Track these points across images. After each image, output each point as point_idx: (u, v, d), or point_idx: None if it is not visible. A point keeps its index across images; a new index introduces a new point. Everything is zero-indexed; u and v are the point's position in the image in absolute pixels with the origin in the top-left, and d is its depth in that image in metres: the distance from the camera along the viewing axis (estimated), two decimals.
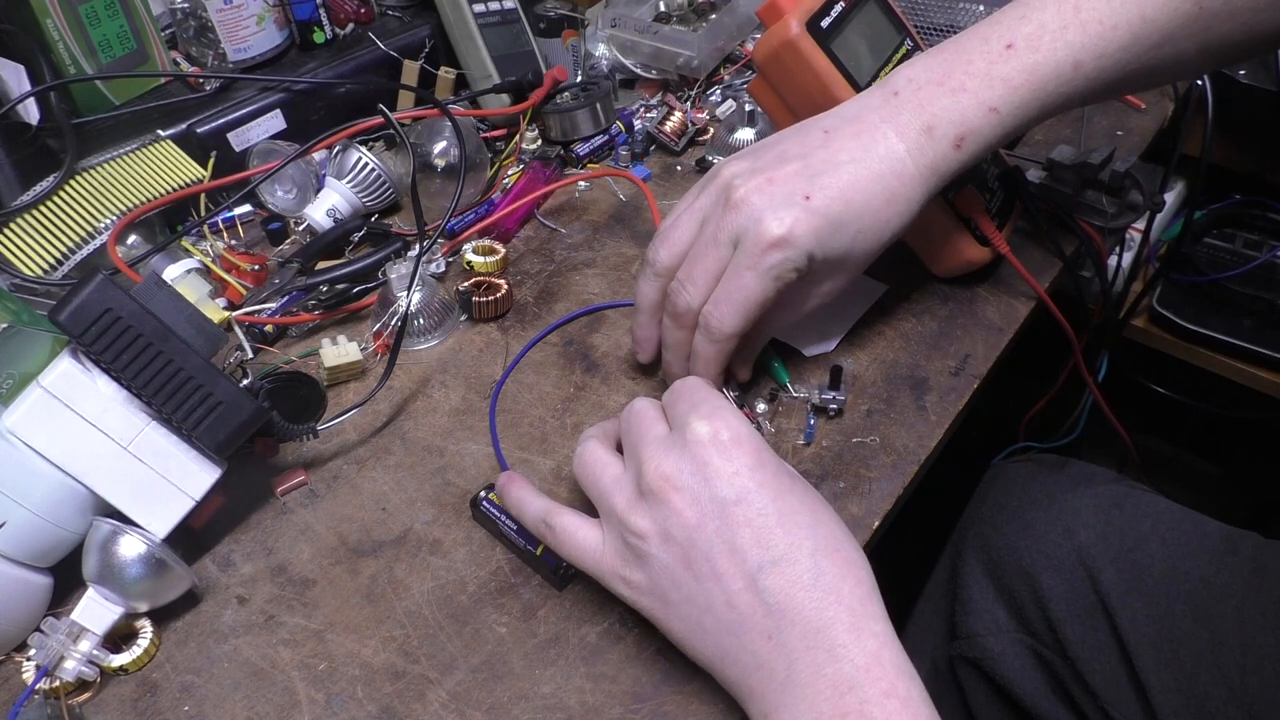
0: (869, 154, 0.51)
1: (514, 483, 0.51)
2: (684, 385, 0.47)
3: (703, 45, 0.85)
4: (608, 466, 0.46)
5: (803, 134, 0.53)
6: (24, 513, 0.48)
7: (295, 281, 0.68)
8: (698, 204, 0.53)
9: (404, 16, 0.88)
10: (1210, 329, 1.15)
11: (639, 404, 0.48)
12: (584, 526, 0.47)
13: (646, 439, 0.45)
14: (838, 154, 0.51)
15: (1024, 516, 0.70)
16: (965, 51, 0.52)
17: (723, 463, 0.42)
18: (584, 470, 0.47)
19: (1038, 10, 0.51)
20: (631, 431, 0.46)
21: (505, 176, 0.80)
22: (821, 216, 0.50)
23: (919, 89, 0.52)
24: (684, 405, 0.45)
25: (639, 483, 0.44)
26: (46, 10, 0.71)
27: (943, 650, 0.71)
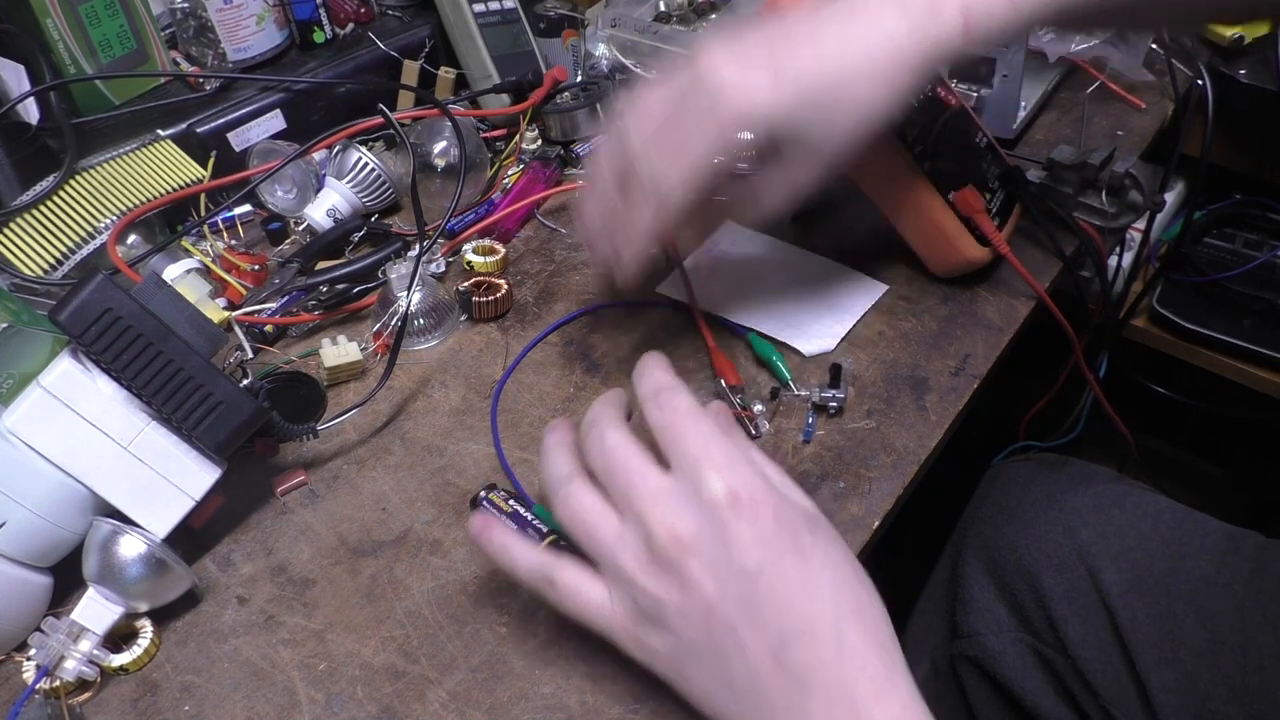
0: (860, 26, 0.47)
1: (492, 526, 0.45)
2: (678, 414, 0.42)
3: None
4: (603, 520, 0.42)
5: (796, 17, 0.49)
6: (24, 513, 0.48)
7: (295, 281, 0.68)
8: (673, 80, 0.49)
9: (404, 16, 0.88)
10: (1210, 329, 1.14)
11: (612, 438, 0.42)
12: (587, 582, 0.42)
13: (645, 491, 0.40)
14: (823, 24, 0.47)
15: (1025, 515, 0.70)
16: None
17: (744, 528, 0.38)
18: (574, 523, 0.42)
19: None
20: (618, 478, 0.41)
21: (505, 177, 0.80)
22: (791, 84, 0.46)
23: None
24: (691, 447, 0.40)
25: (649, 544, 0.39)
26: (46, 10, 0.71)
27: (943, 649, 0.71)
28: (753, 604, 0.38)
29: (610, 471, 0.42)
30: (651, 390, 0.43)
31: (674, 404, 0.42)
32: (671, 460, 0.41)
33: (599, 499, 0.42)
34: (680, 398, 0.42)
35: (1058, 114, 0.86)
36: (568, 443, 0.45)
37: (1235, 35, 0.99)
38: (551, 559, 0.43)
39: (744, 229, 0.74)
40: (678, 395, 0.42)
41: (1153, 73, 0.87)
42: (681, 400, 0.42)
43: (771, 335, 0.64)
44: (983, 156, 0.69)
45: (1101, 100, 0.87)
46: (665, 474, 0.41)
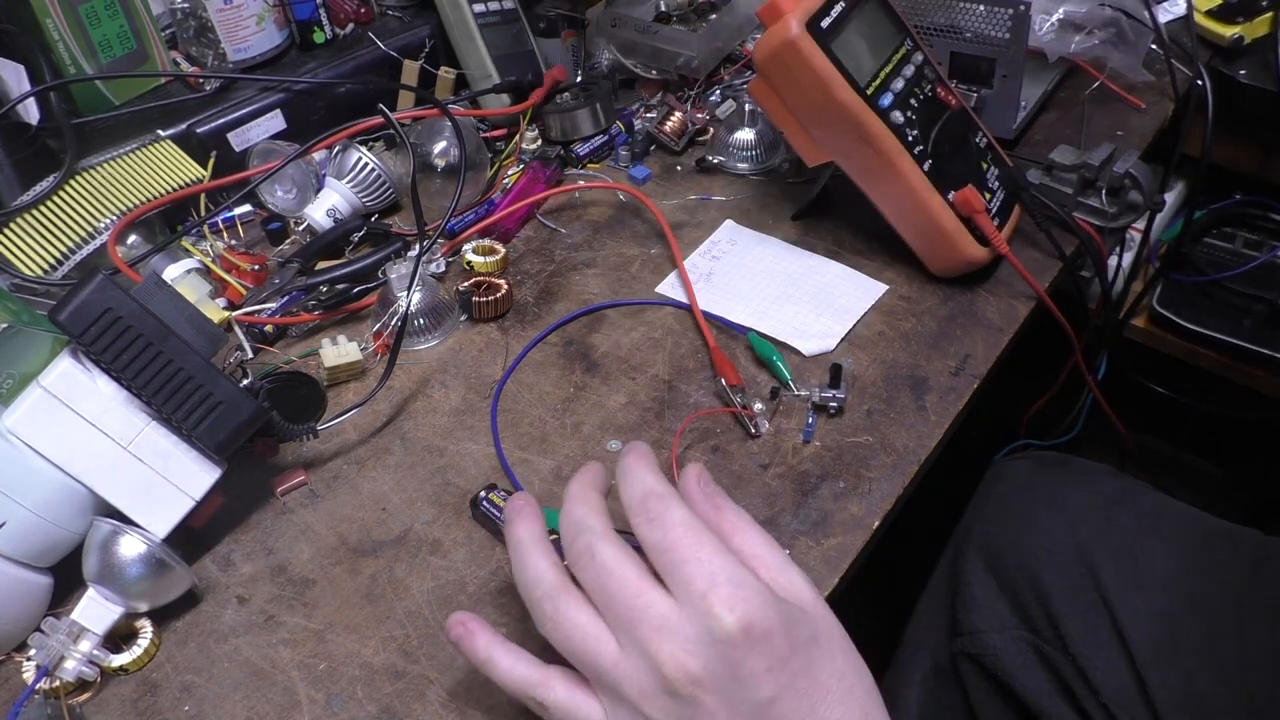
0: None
1: (475, 636, 0.42)
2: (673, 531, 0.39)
3: (703, 45, 0.85)
4: (601, 644, 0.39)
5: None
6: (24, 513, 0.48)
7: (295, 281, 0.68)
8: None
9: (404, 16, 0.88)
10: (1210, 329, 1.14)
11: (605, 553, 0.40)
12: (581, 701, 0.40)
13: (650, 622, 0.38)
14: None
15: (1026, 513, 0.70)
16: None
17: (758, 660, 0.37)
18: (566, 644, 0.40)
19: None
20: (618, 603, 0.39)
21: (505, 177, 0.80)
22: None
23: None
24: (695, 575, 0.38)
25: (657, 676, 0.38)
26: (46, 10, 0.71)
27: (944, 647, 0.71)
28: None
29: (608, 594, 0.39)
30: (639, 498, 0.41)
31: (667, 519, 0.40)
32: (673, 587, 0.39)
33: (593, 617, 0.40)
34: (673, 510, 0.40)
35: (1058, 114, 0.86)
36: (542, 537, 0.43)
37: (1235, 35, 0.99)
38: (540, 679, 0.41)
39: (744, 229, 0.74)
40: (669, 507, 0.40)
41: (1153, 73, 0.87)
42: (675, 513, 0.40)
43: (771, 335, 0.64)
44: (983, 156, 0.69)
45: (1101, 100, 0.87)
46: (668, 599, 0.39)
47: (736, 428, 0.59)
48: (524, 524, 0.43)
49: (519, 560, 0.42)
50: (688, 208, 0.78)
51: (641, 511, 0.41)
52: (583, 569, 0.40)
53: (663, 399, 0.62)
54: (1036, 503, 0.70)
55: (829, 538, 0.53)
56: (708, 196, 0.79)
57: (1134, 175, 0.69)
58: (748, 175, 0.81)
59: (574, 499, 0.43)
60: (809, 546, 0.52)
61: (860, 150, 0.63)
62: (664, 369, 0.64)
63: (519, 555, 0.42)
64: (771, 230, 0.74)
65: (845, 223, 0.74)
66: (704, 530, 0.40)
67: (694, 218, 0.77)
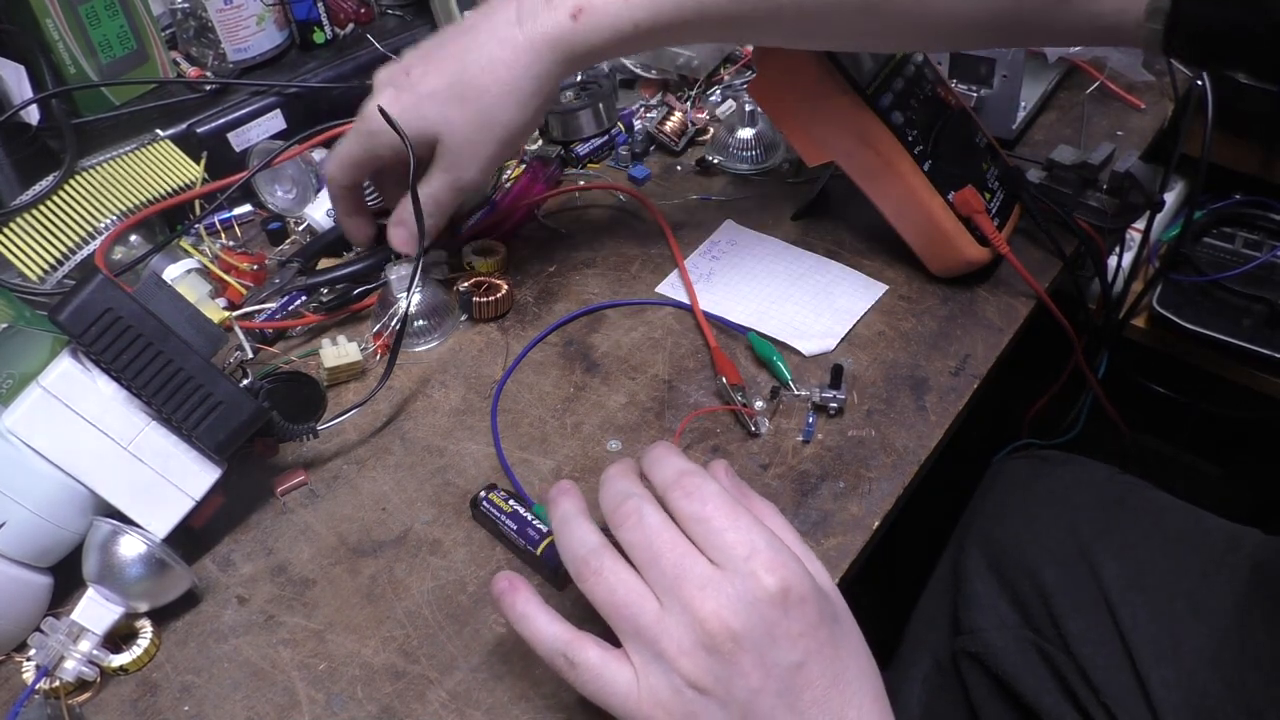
0: (479, 30, 0.55)
1: (517, 591, 0.44)
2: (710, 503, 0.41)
3: (703, 45, 0.85)
4: (644, 601, 0.40)
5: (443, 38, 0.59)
6: (24, 513, 0.48)
7: (295, 281, 0.68)
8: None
9: (404, 16, 0.88)
10: (1210, 329, 1.14)
11: (653, 519, 0.41)
12: (613, 663, 0.41)
13: (695, 580, 0.39)
14: (449, 35, 0.56)
15: (1027, 512, 0.70)
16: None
17: (790, 623, 0.39)
18: (609, 600, 0.41)
19: None
20: (664, 562, 0.40)
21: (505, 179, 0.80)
22: (417, 92, 0.55)
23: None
24: (736, 541, 0.40)
25: (698, 633, 0.39)
26: (46, 10, 0.71)
27: (945, 645, 0.71)
28: (792, 696, 0.39)
29: (653, 552, 0.40)
30: (674, 475, 0.42)
31: (704, 492, 0.41)
32: (713, 554, 0.40)
33: (636, 577, 0.41)
34: (709, 484, 0.42)
35: (1058, 114, 0.86)
36: (586, 511, 0.44)
37: None
38: (573, 638, 0.42)
39: (744, 229, 0.74)
40: (705, 482, 0.42)
41: (1153, 73, 0.88)
42: (710, 487, 0.41)
43: (771, 335, 0.64)
44: (983, 156, 0.69)
45: (1101, 100, 0.87)
46: (708, 563, 0.40)
47: (736, 427, 0.59)
48: (569, 500, 0.45)
49: (564, 528, 0.43)
50: (688, 208, 0.78)
51: (678, 487, 0.42)
52: (630, 529, 0.41)
53: (663, 399, 0.62)
54: (1038, 502, 0.70)
55: (829, 538, 0.53)
56: (708, 196, 0.79)
57: (1134, 175, 0.69)
58: (748, 175, 0.81)
59: (614, 475, 0.44)
60: (809, 546, 0.52)
61: (860, 150, 0.63)
62: (664, 369, 0.64)
63: (565, 524, 0.44)
64: (771, 230, 0.74)
65: (845, 223, 0.74)
66: (740, 504, 0.42)
67: (694, 218, 0.77)
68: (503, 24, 0.54)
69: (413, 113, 0.57)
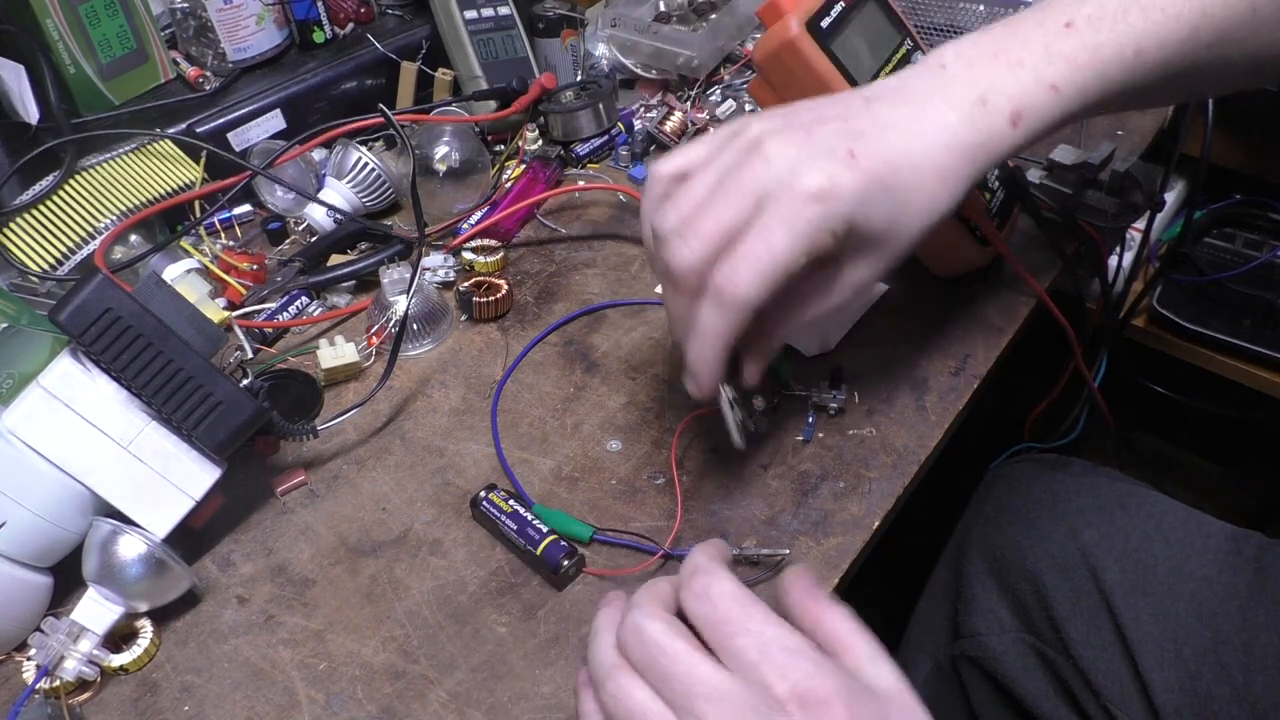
0: (919, 123, 0.46)
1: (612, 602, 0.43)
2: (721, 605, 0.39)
3: (703, 45, 0.85)
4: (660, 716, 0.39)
5: (841, 99, 0.47)
6: (24, 513, 0.48)
7: (295, 281, 0.68)
8: (719, 159, 0.46)
9: (404, 15, 0.88)
10: (1210, 329, 1.15)
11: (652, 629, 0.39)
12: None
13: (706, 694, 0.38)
14: (882, 118, 0.45)
15: (1028, 516, 0.70)
16: (1019, 30, 0.48)
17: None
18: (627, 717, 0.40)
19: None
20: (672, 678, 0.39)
21: (506, 178, 0.80)
22: (866, 176, 0.44)
23: (970, 63, 0.47)
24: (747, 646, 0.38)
25: None
26: (46, 10, 0.71)
27: (945, 649, 0.71)
28: None
29: (659, 670, 0.39)
30: (686, 576, 0.41)
31: (714, 592, 0.40)
32: (726, 660, 0.39)
33: (650, 694, 0.39)
34: (719, 583, 0.40)
35: None
36: (615, 623, 0.43)
37: None
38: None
39: None
40: (716, 579, 0.40)
41: None
42: (721, 585, 0.40)
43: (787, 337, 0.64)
44: None
45: None
46: (721, 671, 0.38)
47: None
48: (604, 614, 0.44)
49: (591, 645, 0.43)
50: None
51: (689, 588, 0.41)
52: (630, 648, 0.41)
53: (663, 399, 0.62)
54: (1038, 505, 0.70)
55: (829, 538, 0.53)
56: None
57: (1134, 175, 0.69)
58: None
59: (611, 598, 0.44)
60: (809, 546, 0.52)
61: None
62: (664, 369, 0.64)
63: (592, 640, 0.43)
64: None
65: None
66: (754, 601, 0.40)
67: None
68: (945, 128, 0.46)
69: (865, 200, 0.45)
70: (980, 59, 0.47)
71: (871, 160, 0.44)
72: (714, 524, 0.54)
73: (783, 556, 0.51)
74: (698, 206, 0.45)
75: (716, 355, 0.47)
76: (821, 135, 0.45)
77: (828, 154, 0.44)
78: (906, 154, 0.45)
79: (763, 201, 0.44)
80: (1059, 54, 0.46)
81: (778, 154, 0.44)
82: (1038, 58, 0.47)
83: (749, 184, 0.44)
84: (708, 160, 0.47)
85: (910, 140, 0.45)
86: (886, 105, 0.46)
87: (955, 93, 0.46)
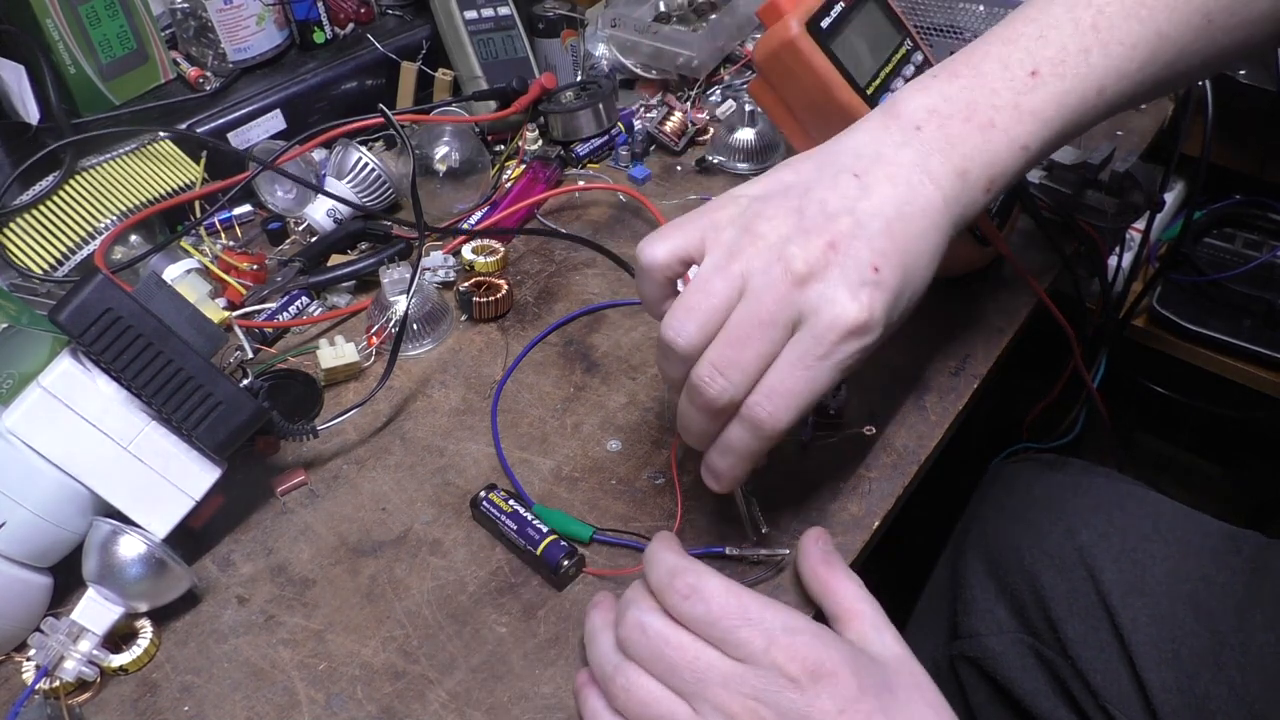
0: (911, 207, 0.45)
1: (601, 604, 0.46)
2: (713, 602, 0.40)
3: (703, 45, 0.85)
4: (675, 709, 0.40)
5: (832, 176, 0.46)
6: (24, 513, 0.48)
7: (295, 281, 0.68)
8: (734, 266, 0.43)
9: (404, 15, 0.88)
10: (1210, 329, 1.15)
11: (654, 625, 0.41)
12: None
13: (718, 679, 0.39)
14: (883, 206, 0.44)
15: (1026, 516, 0.70)
16: (986, 78, 0.47)
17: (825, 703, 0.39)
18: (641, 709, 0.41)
19: (1054, 29, 0.47)
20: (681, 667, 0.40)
21: (506, 178, 0.80)
22: (893, 293, 0.43)
23: (943, 124, 0.46)
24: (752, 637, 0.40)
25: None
26: (46, 10, 0.71)
27: (944, 650, 0.71)
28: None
29: (667, 662, 0.40)
30: (665, 578, 0.42)
31: (704, 591, 0.41)
32: (732, 652, 0.40)
33: (660, 686, 0.41)
34: (706, 581, 0.41)
35: None
36: (611, 622, 0.44)
37: None
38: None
39: None
40: (701, 578, 0.41)
41: None
42: (709, 583, 0.41)
43: None
44: None
45: None
46: (728, 659, 0.40)
47: None
48: (598, 613, 0.46)
49: (591, 646, 0.45)
50: (688, 208, 0.78)
51: (674, 591, 0.41)
52: (635, 644, 0.41)
53: (663, 399, 0.62)
54: (1036, 505, 0.70)
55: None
56: (708, 196, 0.79)
57: (1134, 175, 0.69)
58: (748, 175, 0.81)
59: (601, 600, 0.46)
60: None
61: None
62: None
63: (591, 641, 0.45)
64: None
65: None
66: (743, 591, 0.41)
67: None
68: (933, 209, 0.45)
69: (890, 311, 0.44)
70: (953, 118, 0.46)
71: (892, 271, 0.44)
72: (714, 524, 0.54)
73: (782, 557, 0.51)
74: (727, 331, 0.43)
75: (746, 469, 0.47)
76: (845, 246, 0.43)
77: (858, 275, 0.43)
78: (914, 251, 0.45)
79: (798, 328, 0.43)
80: (1028, 111, 0.46)
81: (813, 277, 0.42)
82: (1008, 118, 0.46)
83: (782, 309, 0.42)
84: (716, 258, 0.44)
85: (909, 227, 0.45)
86: (879, 185, 0.45)
87: (935, 165, 0.46)
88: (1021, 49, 0.47)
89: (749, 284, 0.43)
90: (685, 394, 0.45)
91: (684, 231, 0.46)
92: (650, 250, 0.46)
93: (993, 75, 0.47)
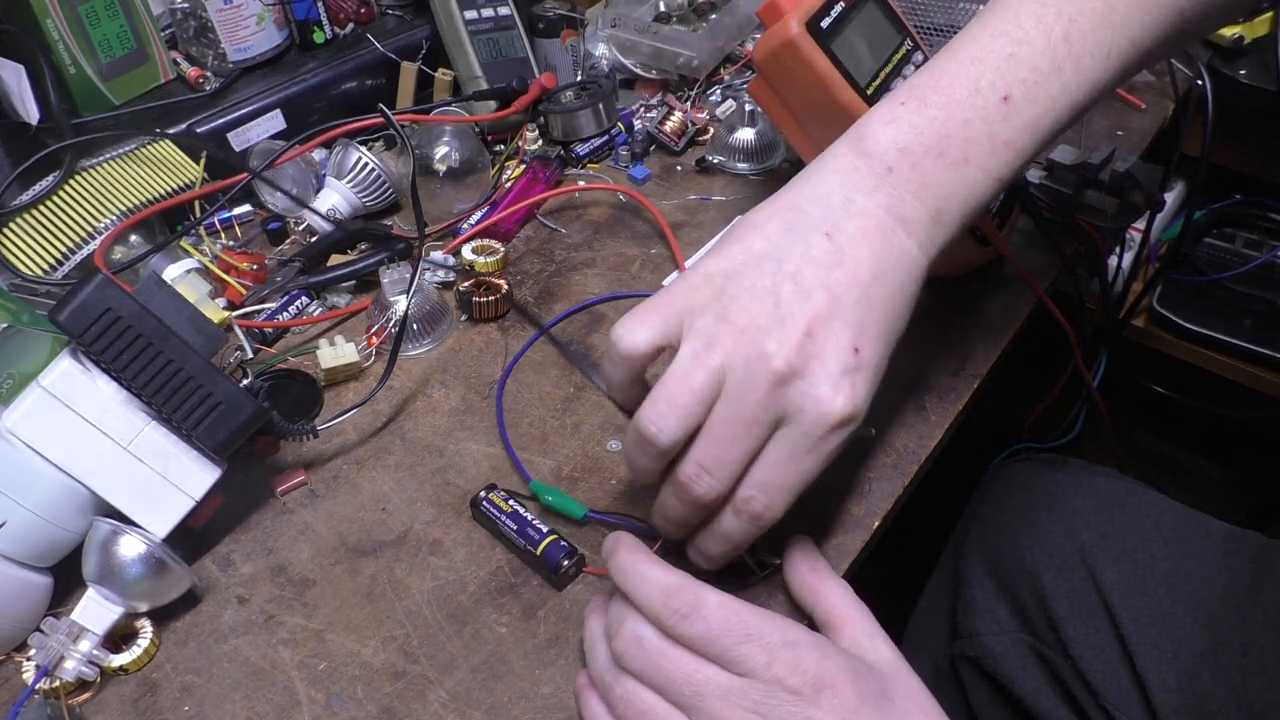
0: (887, 264, 0.44)
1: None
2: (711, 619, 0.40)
3: (703, 45, 0.85)
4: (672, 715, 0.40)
5: (804, 239, 0.44)
6: (24, 513, 0.48)
7: (295, 281, 0.68)
8: (713, 358, 0.42)
9: (404, 15, 0.88)
10: (1210, 329, 1.15)
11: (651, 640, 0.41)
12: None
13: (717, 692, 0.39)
14: (858, 273, 0.43)
15: (1026, 516, 0.70)
16: (957, 107, 0.45)
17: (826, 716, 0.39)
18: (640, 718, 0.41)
19: (1025, 44, 0.45)
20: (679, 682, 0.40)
21: (506, 178, 0.80)
22: (871, 368, 0.43)
23: (916, 163, 0.45)
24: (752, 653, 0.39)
25: None
26: (46, 10, 0.71)
27: (944, 649, 0.71)
28: None
29: (665, 676, 0.40)
30: (660, 598, 0.41)
31: (703, 608, 0.40)
32: (733, 667, 0.40)
33: (659, 699, 0.41)
34: (704, 597, 0.41)
35: None
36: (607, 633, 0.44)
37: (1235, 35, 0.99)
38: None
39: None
40: (699, 595, 0.41)
41: (1153, 73, 0.87)
42: (708, 599, 0.41)
43: None
44: None
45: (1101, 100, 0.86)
46: (725, 673, 0.40)
47: None
48: (595, 619, 0.46)
49: (589, 650, 0.45)
50: (688, 208, 0.78)
51: (671, 612, 0.41)
52: (632, 657, 0.41)
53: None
54: (1036, 505, 0.70)
55: (829, 538, 0.53)
56: (708, 196, 0.79)
57: (1134, 175, 0.69)
58: (748, 175, 0.81)
59: (615, 598, 0.44)
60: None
61: None
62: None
63: (589, 649, 0.45)
64: None
65: None
66: (740, 605, 0.41)
67: (694, 218, 0.77)
68: (909, 262, 0.45)
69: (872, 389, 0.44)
70: (926, 155, 0.45)
71: (871, 345, 0.43)
72: None
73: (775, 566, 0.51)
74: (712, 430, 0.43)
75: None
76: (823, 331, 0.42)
77: (838, 364, 0.42)
78: (892, 310, 0.44)
79: (782, 424, 0.42)
80: (1003, 141, 0.45)
81: (794, 373, 0.42)
82: (982, 152, 0.45)
83: (765, 410, 0.42)
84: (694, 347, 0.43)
85: (886, 287, 0.44)
86: (852, 246, 0.44)
87: (909, 211, 0.45)
88: (992, 69, 0.46)
89: (729, 379, 0.42)
90: (669, 488, 0.45)
91: (662, 317, 0.44)
92: (631, 338, 0.45)
93: (964, 103, 0.45)
